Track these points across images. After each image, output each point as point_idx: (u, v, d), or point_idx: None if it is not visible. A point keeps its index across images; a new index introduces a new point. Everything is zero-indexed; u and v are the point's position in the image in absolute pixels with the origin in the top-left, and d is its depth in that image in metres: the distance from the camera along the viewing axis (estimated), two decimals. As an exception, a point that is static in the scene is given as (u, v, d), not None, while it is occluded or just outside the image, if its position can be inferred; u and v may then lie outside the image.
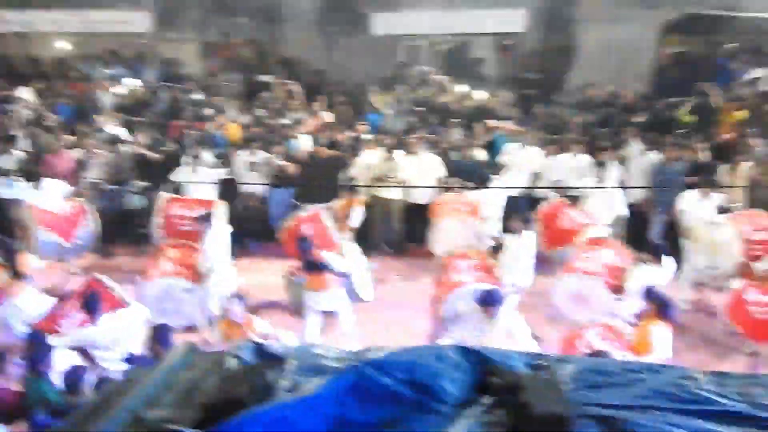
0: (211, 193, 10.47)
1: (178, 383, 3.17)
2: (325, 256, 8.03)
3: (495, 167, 10.95)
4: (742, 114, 11.87)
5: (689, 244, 9.13)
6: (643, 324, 6.64)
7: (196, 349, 3.56)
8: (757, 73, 13.30)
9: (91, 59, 15.45)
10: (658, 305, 6.59)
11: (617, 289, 8.11)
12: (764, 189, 10.22)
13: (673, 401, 2.84)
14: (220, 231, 8.85)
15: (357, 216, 9.96)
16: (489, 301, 6.97)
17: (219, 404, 2.74)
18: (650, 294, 6.78)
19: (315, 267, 7.91)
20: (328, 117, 12.70)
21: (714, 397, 2.85)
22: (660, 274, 7.88)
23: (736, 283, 8.12)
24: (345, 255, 8.72)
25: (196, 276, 8.48)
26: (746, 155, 10.31)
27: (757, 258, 8.65)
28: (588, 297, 8.27)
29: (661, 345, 6.38)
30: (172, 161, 11.14)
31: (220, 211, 9.62)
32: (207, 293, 8.34)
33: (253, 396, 2.81)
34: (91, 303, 6.69)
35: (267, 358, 3.32)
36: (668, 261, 8.06)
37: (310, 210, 9.66)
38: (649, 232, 10.36)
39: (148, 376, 3.17)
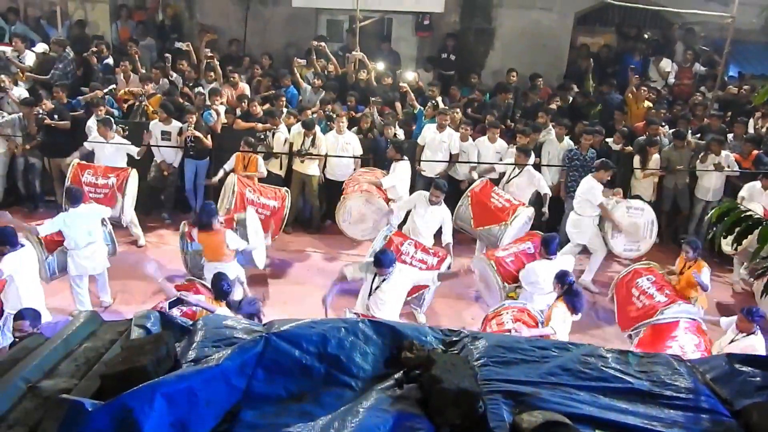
0: (121, 161, 10.28)
1: (78, 353, 3.06)
2: (229, 235, 7.86)
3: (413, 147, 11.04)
4: (649, 104, 12.25)
5: (608, 228, 9.62)
6: (552, 307, 6.84)
7: (99, 318, 3.46)
8: (666, 66, 13.85)
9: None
10: (566, 292, 6.76)
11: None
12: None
13: (579, 378, 2.93)
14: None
15: (262, 165, 10.26)
16: (380, 261, 6.93)
17: (121, 374, 2.65)
18: (562, 279, 6.92)
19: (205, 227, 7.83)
20: (245, 89, 12.45)
21: (619, 375, 2.96)
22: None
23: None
24: (248, 221, 8.65)
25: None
26: (655, 146, 10.69)
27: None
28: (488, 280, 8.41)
29: (560, 328, 6.56)
30: (80, 126, 10.86)
31: (132, 179, 9.80)
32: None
33: (157, 366, 2.73)
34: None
35: (173, 328, 3.25)
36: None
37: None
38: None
39: (46, 345, 3.06)
